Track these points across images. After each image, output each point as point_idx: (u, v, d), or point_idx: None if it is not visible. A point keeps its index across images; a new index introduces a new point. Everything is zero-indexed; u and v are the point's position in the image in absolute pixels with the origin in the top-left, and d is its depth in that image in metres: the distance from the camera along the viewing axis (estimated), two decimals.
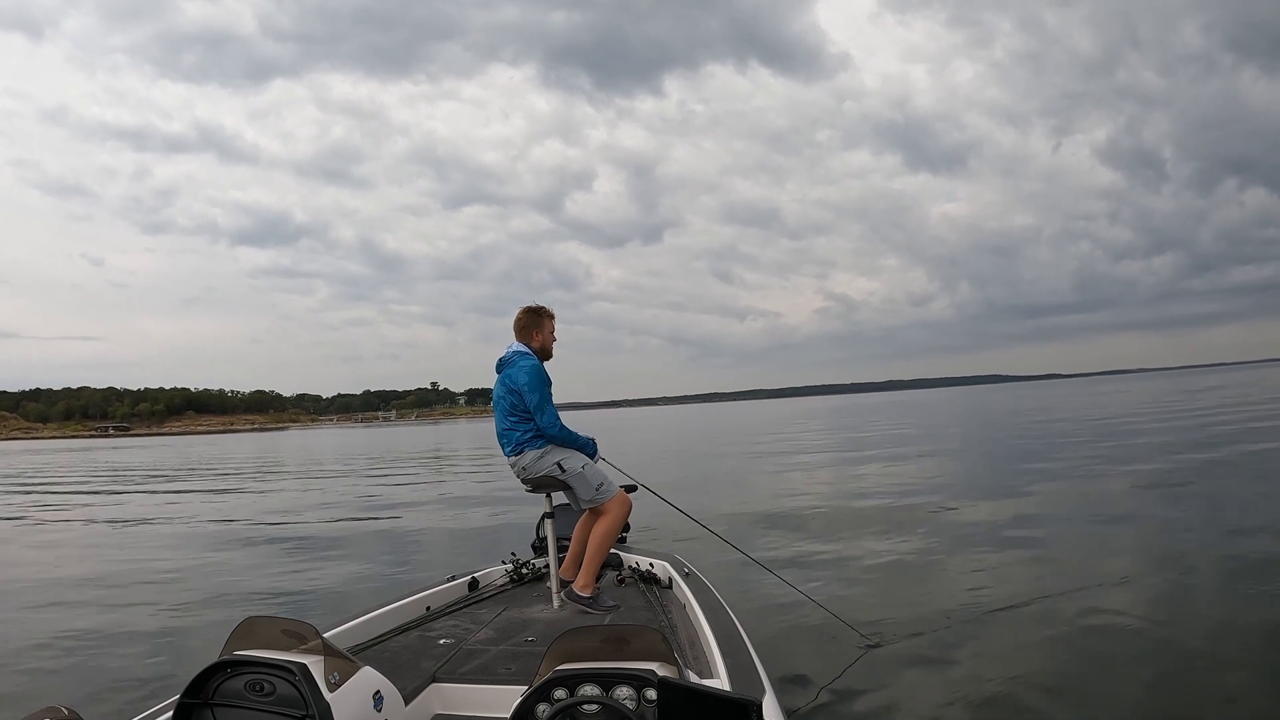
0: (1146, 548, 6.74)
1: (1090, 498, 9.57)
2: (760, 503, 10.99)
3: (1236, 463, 11.91)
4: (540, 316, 4.00)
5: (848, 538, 7.99)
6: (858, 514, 9.50)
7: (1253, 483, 9.81)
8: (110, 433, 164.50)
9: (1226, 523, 7.35)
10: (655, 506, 4.62)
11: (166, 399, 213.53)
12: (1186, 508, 8.28)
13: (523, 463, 3.85)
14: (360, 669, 2.15)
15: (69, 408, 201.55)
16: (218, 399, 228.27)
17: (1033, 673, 3.96)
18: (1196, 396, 37.59)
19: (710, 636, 2.89)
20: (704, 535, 4.92)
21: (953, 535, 7.76)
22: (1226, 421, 20.46)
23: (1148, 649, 4.22)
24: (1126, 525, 7.80)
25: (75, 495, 19.31)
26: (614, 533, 3.84)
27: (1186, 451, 13.87)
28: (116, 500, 17.49)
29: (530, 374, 3.80)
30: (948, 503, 9.83)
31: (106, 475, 26.89)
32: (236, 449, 49.27)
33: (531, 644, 3.20)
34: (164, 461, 35.08)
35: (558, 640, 1.98)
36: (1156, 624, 4.61)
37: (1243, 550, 6.22)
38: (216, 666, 2.04)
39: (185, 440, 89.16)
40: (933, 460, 16.28)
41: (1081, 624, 4.64)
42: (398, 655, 3.05)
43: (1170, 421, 22.36)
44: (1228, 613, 4.74)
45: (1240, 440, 15.08)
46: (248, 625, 2.17)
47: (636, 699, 1.84)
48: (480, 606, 3.89)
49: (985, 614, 4.98)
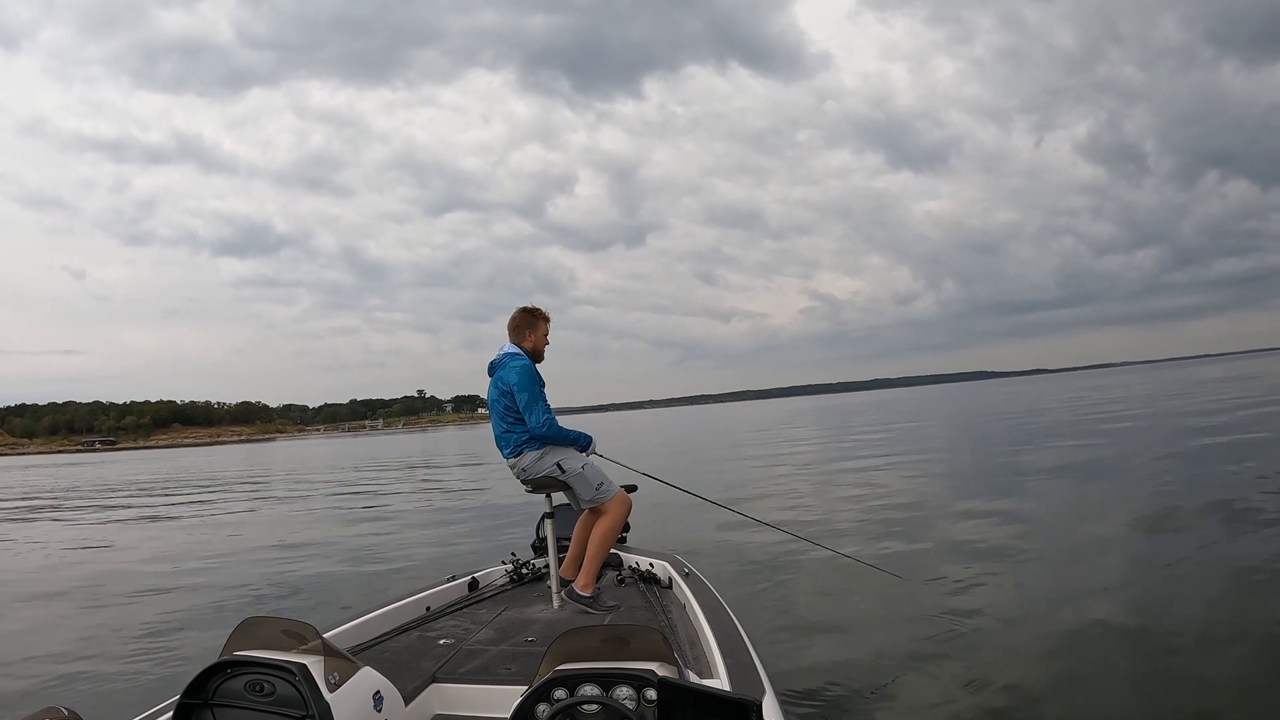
0: (1135, 536, 6.80)
1: (1080, 495, 9.62)
2: (758, 506, 10.96)
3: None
4: (535, 318, 3.98)
5: (848, 538, 7.97)
6: (856, 515, 9.47)
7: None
8: (96, 447, 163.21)
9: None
10: (654, 504, 4.61)
11: (153, 412, 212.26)
12: (1179, 502, 8.31)
13: (522, 464, 3.83)
14: (360, 669, 2.14)
15: (55, 422, 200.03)
16: (204, 411, 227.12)
17: (1033, 673, 3.95)
18: (1195, 388, 37.79)
19: (710, 636, 2.89)
20: (706, 524, 4.91)
21: (953, 535, 7.75)
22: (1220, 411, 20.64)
23: (1150, 645, 4.23)
24: (1116, 524, 7.84)
25: (71, 503, 19.15)
26: (614, 532, 3.83)
27: (1180, 441, 13.97)
28: (111, 508, 17.36)
29: (521, 373, 3.77)
30: (947, 504, 9.85)
31: (99, 488, 26.65)
32: (225, 461, 48.95)
33: (531, 644, 3.19)
34: (153, 474, 34.78)
35: (558, 640, 1.98)
36: (1156, 619, 4.63)
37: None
38: (216, 667, 2.04)
39: (172, 453, 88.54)
40: (926, 461, 16.28)
41: (1081, 625, 4.63)
42: (398, 655, 3.04)
43: (1161, 417, 22.51)
44: (1218, 614, 4.72)
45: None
46: (248, 625, 2.16)
47: (636, 699, 1.85)
48: (480, 606, 3.88)
49: (985, 614, 4.98)
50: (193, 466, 41.02)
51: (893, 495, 10.65)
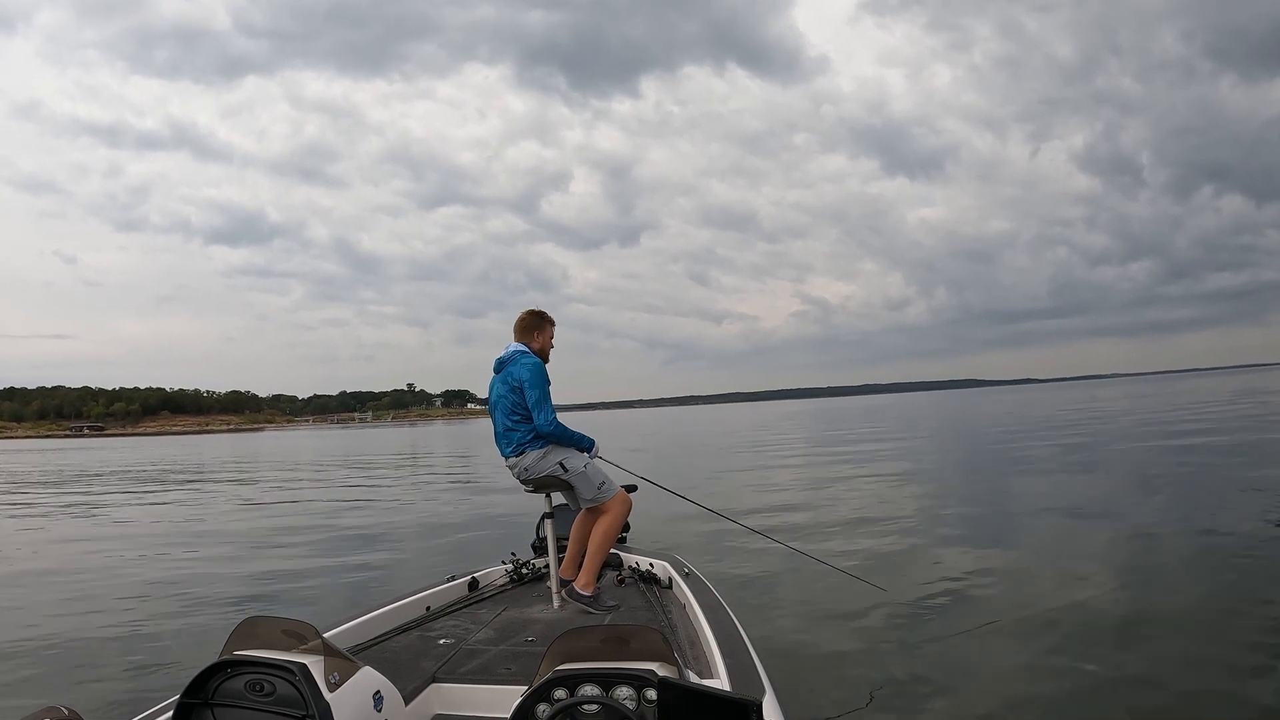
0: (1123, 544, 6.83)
1: (1068, 508, 9.64)
2: (746, 511, 10.96)
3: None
4: (543, 321, 4.03)
5: (847, 537, 8.03)
6: (852, 515, 9.52)
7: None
8: (85, 432, 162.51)
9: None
10: (652, 504, 4.59)
11: (142, 399, 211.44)
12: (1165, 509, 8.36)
13: (524, 463, 3.82)
14: (360, 669, 2.14)
15: (43, 407, 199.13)
16: (193, 399, 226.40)
17: (1034, 673, 3.98)
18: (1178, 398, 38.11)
19: (710, 636, 2.89)
20: (704, 526, 4.91)
21: (952, 536, 7.81)
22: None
23: (1136, 653, 4.25)
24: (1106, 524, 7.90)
25: (64, 495, 19.03)
26: (615, 531, 3.83)
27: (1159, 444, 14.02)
28: (108, 501, 17.23)
29: (533, 370, 3.79)
30: (946, 505, 9.93)
31: (86, 476, 26.47)
32: (213, 450, 48.75)
33: (531, 644, 3.19)
34: (142, 462, 34.61)
35: (558, 640, 1.98)
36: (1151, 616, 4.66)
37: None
38: (216, 666, 2.03)
39: (160, 441, 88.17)
40: (924, 470, 16.34)
41: (1080, 626, 4.67)
42: (398, 655, 3.03)
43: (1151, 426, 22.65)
44: (1205, 623, 4.74)
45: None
46: (248, 625, 2.15)
47: (636, 699, 1.84)
48: (480, 606, 3.87)
49: (986, 614, 5.00)
50: (181, 456, 40.79)
51: (881, 504, 10.65)
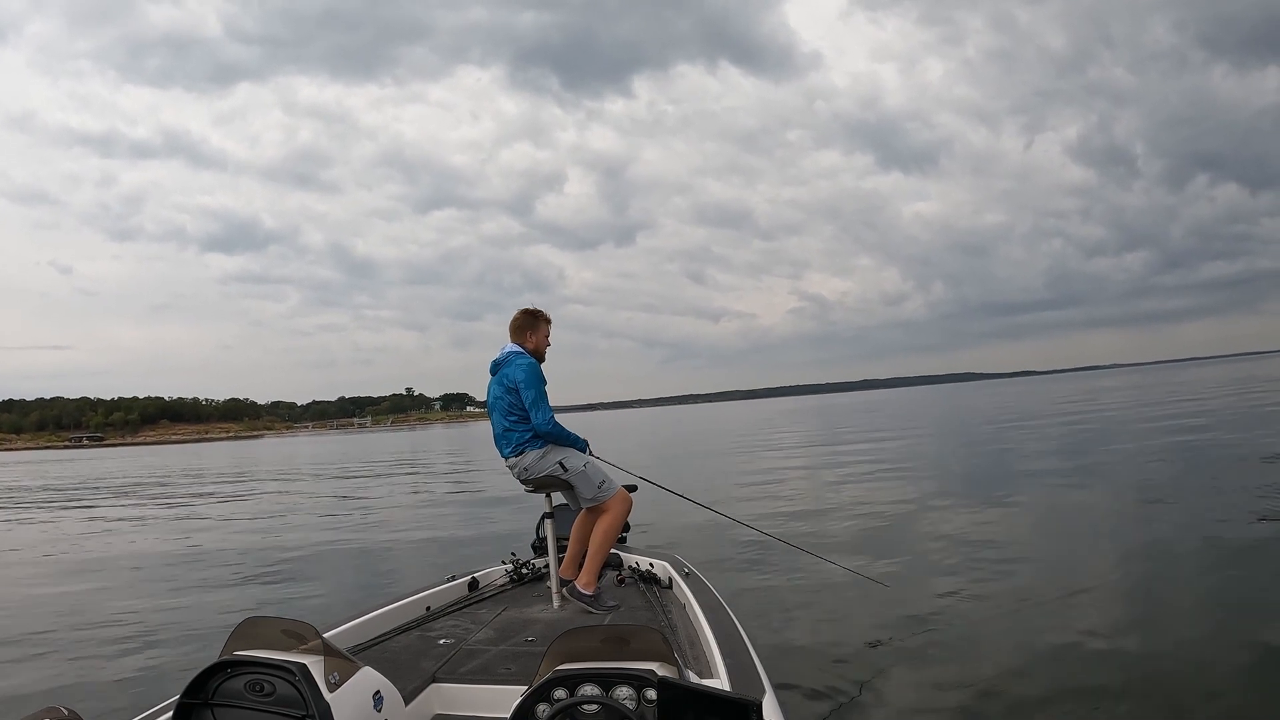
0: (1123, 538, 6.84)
1: (1065, 501, 9.65)
2: (745, 508, 10.97)
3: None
4: (537, 319, 4.01)
5: (849, 534, 8.03)
6: (853, 513, 9.50)
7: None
8: (84, 443, 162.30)
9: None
10: (652, 504, 4.59)
11: (141, 408, 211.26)
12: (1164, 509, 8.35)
13: (524, 463, 3.82)
14: (360, 669, 2.13)
15: (43, 418, 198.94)
16: (192, 408, 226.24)
17: (1034, 674, 3.96)
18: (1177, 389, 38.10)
19: (710, 636, 2.88)
20: (704, 526, 4.91)
21: (954, 533, 7.79)
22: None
23: (1135, 648, 4.26)
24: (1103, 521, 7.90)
25: (64, 501, 19.01)
26: (615, 530, 3.84)
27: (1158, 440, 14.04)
28: (106, 506, 17.24)
29: (528, 370, 3.80)
30: (947, 501, 9.94)
31: (89, 485, 26.46)
32: (213, 458, 48.68)
33: (531, 644, 3.18)
34: (144, 471, 34.56)
35: (558, 640, 1.98)
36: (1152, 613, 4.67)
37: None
38: (216, 666, 2.03)
39: (160, 449, 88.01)
40: (924, 466, 16.33)
41: (1084, 625, 4.65)
42: (398, 655, 3.03)
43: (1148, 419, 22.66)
44: (1205, 624, 4.70)
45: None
46: (248, 625, 2.15)
47: (636, 699, 1.84)
48: (480, 606, 3.87)
49: (986, 615, 4.99)
50: (182, 464, 40.76)
51: (881, 500, 10.65)
